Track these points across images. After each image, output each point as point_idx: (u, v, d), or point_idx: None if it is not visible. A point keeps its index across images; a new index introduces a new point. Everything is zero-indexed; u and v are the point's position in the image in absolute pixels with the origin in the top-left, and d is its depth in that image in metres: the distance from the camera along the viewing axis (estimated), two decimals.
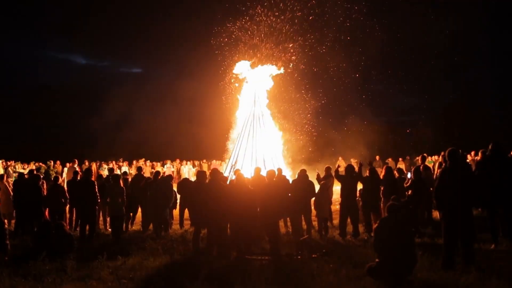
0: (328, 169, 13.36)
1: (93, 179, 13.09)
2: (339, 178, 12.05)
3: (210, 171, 10.88)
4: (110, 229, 13.18)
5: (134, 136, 40.55)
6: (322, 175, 12.98)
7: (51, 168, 25.22)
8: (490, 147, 9.19)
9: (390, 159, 28.40)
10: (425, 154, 16.29)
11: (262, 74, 22.76)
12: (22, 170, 20.73)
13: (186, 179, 15.42)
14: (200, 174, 10.93)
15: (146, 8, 56.33)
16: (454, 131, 37.12)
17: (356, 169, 12.43)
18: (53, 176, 15.04)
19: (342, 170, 14.21)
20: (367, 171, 12.20)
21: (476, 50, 46.14)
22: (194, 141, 37.21)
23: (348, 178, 11.85)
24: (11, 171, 22.58)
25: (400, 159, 28.69)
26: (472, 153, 21.76)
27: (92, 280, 7.95)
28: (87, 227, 11.82)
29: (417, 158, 21.44)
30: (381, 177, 12.12)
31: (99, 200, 12.11)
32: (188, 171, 29.84)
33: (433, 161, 22.83)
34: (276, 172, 11.71)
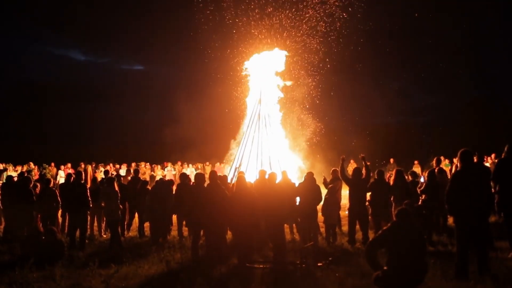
0: (335, 172, 13.30)
1: (87, 181, 13.06)
2: (346, 179, 11.97)
3: (209, 173, 10.79)
4: (104, 235, 13.22)
5: (135, 137, 40.70)
6: (328, 179, 12.93)
7: (48, 170, 25.36)
8: (506, 148, 9.08)
9: (392, 159, 28.25)
10: (441, 157, 16.18)
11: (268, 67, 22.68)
12: (13, 173, 20.73)
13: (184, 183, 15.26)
14: (198, 176, 10.88)
15: (148, 3, 56.53)
16: (475, 132, 36.87)
17: (363, 170, 12.22)
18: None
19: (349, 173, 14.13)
20: (375, 175, 12.11)
21: (497, 47, 45.96)
22: (197, 142, 37.23)
23: (356, 182, 11.78)
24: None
25: (415, 161, 28.50)
26: (493, 155, 21.57)
27: None
28: (78, 233, 11.78)
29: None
30: (392, 181, 12.01)
31: (90, 205, 12.02)
32: (190, 174, 29.78)
33: (450, 164, 22.61)
34: (281, 175, 11.68)
